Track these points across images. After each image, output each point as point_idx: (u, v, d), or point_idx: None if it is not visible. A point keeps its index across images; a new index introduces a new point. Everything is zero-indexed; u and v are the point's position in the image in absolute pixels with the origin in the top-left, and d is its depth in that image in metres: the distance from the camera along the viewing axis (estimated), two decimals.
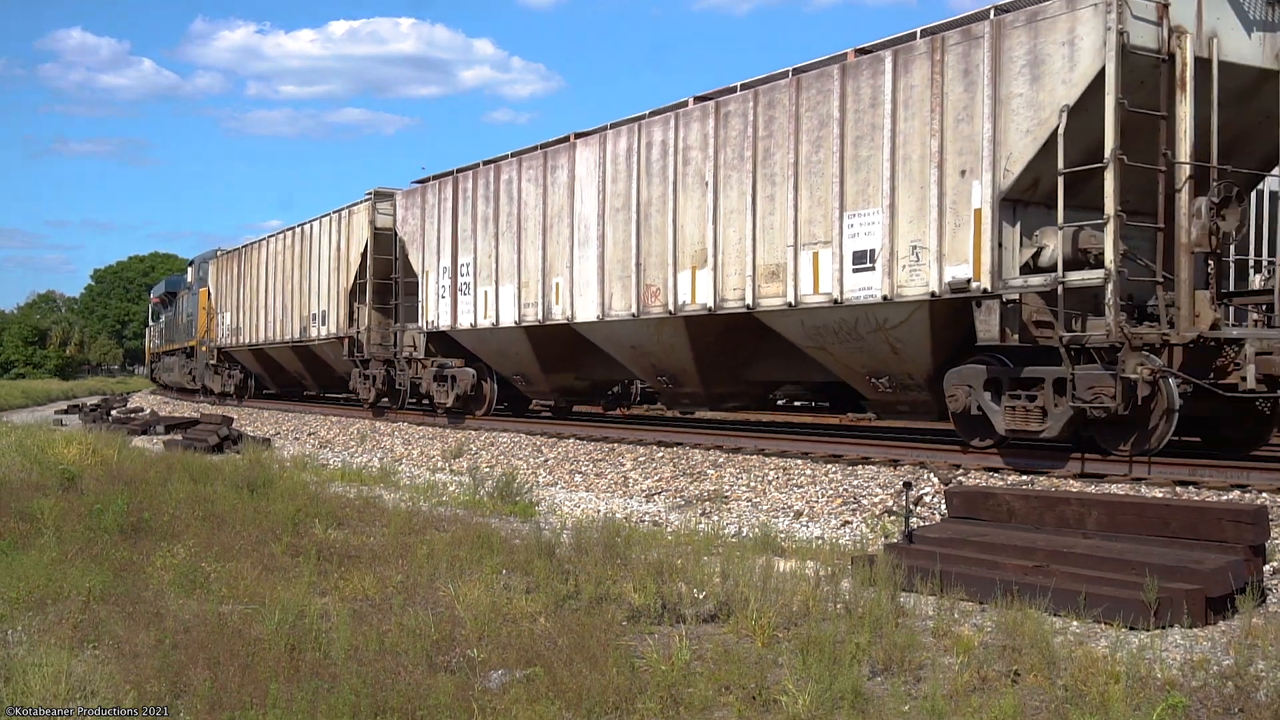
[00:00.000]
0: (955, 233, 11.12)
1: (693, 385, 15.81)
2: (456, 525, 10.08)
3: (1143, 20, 10.10)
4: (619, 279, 15.66)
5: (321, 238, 25.16)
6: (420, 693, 5.04)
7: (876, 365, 12.62)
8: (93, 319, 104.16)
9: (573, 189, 16.62)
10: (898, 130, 11.73)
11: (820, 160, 12.59)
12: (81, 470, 12.87)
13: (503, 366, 19.67)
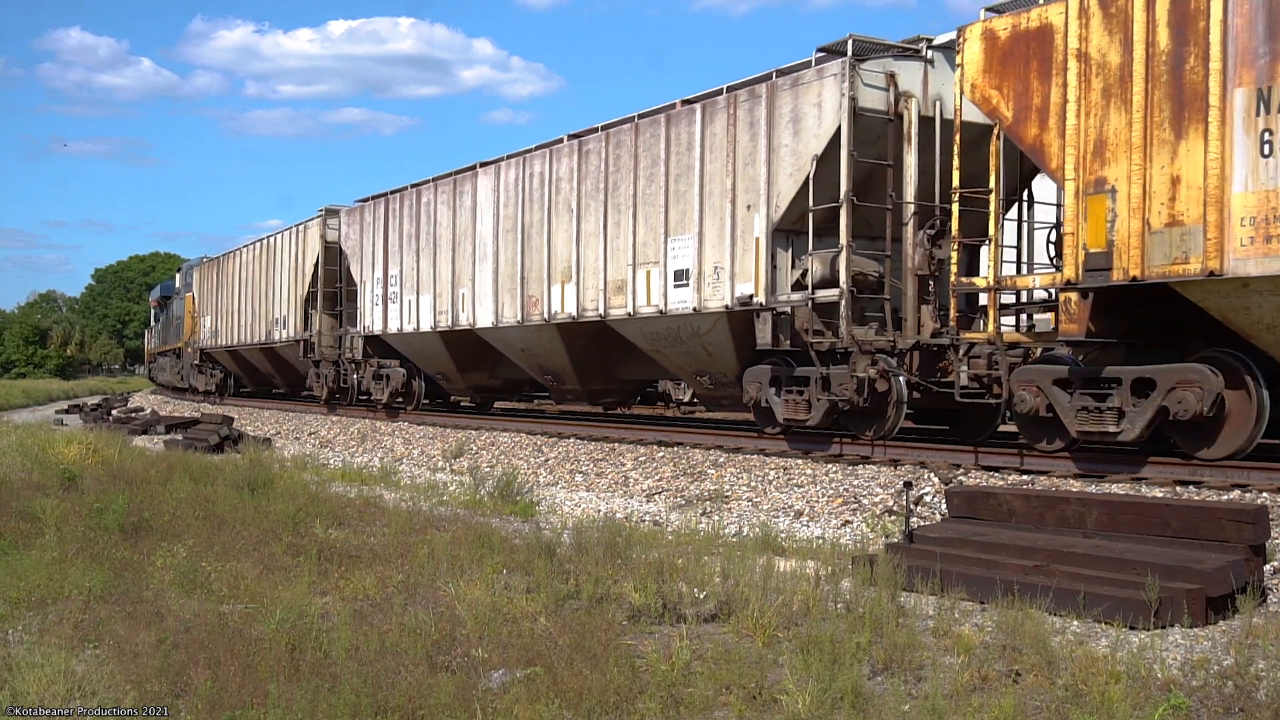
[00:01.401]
0: (743, 256, 13.41)
1: (572, 383, 18.11)
2: (457, 525, 10.08)
3: (873, 87, 12.46)
4: (509, 290, 18.06)
5: (282, 249, 27.70)
6: (421, 692, 5.04)
7: (699, 365, 14.90)
8: (93, 319, 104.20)
9: (474, 212, 19.12)
10: (705, 170, 14.04)
11: (652, 193, 14.93)
12: (82, 470, 12.88)
13: (427, 367, 21.88)
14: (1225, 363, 9.78)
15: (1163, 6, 9.50)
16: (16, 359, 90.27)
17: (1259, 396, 9.55)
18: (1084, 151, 10.14)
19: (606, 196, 15.75)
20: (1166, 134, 9.55)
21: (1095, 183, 10.07)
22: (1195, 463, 9.91)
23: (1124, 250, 9.79)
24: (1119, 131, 9.87)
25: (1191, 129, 9.36)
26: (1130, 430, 10.09)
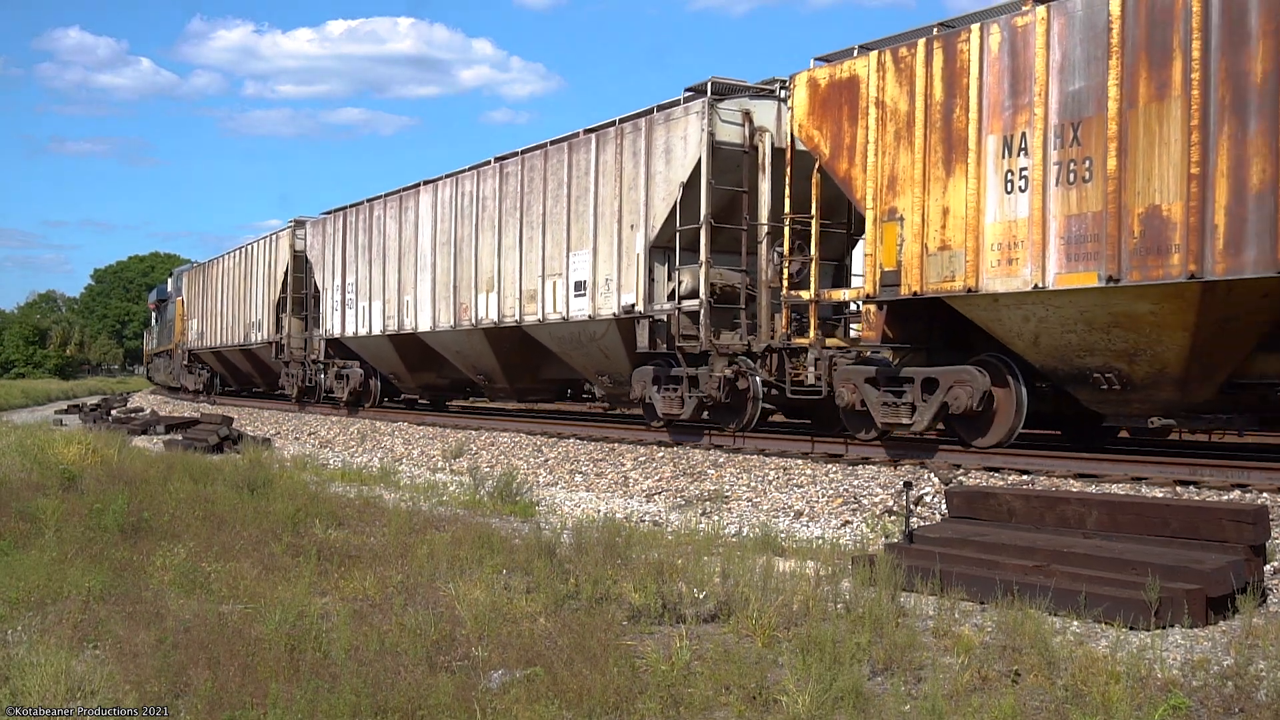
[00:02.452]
0: (628, 270, 15.16)
1: (502, 382, 19.99)
2: (457, 525, 10.08)
3: (730, 123, 14.11)
4: (444, 298, 19.86)
5: (257, 257, 29.77)
6: (420, 692, 5.04)
7: (599, 366, 16.69)
8: (93, 319, 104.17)
9: (416, 226, 21.01)
10: (599, 193, 15.82)
11: (558, 212, 16.74)
12: (81, 470, 12.88)
13: (382, 367, 23.77)
14: (993, 365, 11.39)
15: (937, 64, 11.20)
16: (16, 359, 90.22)
17: (1018, 393, 11.24)
18: (880, 185, 11.80)
19: (522, 214, 17.65)
20: (940, 172, 11.21)
21: (889, 212, 11.74)
22: (1195, 462, 9.95)
23: (909, 269, 11.47)
24: (906, 169, 11.55)
25: (957, 168, 11.04)
26: (920, 422, 11.68)
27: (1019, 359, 11.28)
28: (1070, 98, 10.17)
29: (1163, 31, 9.47)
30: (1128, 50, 9.72)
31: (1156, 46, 9.54)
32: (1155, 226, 9.48)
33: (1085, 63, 10.06)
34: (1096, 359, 10.59)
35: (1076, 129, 10.13)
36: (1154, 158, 9.54)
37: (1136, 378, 10.45)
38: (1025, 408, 11.24)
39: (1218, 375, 10.28)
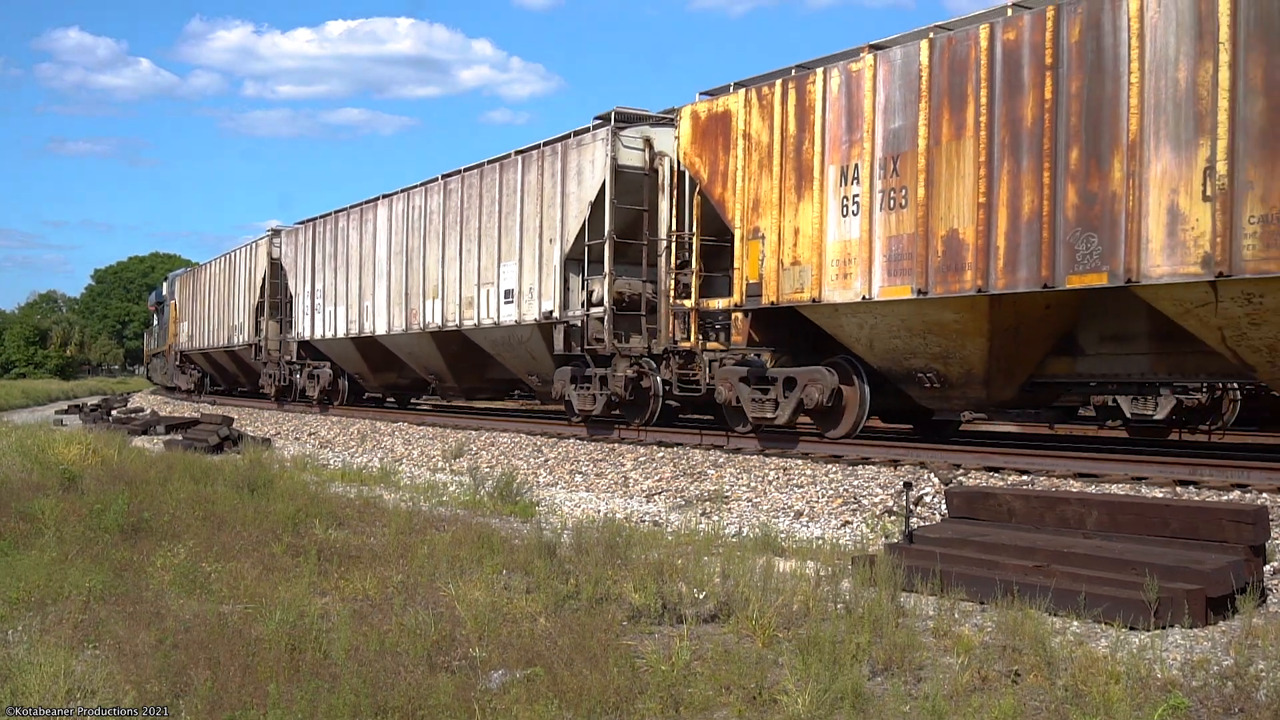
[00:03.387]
0: (547, 279, 16.90)
1: (451, 382, 21.63)
2: (457, 525, 10.08)
3: (632, 149, 15.70)
4: (398, 304, 21.66)
5: (239, 263, 31.73)
6: (420, 693, 5.04)
7: (528, 366, 18.50)
8: (93, 319, 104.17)
9: (375, 237, 22.90)
10: (524, 209, 17.60)
11: (491, 227, 18.50)
12: (82, 470, 12.87)
13: (349, 368, 25.59)
14: (841, 366, 12.90)
15: (791, 102, 12.73)
16: (16, 359, 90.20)
17: (862, 391, 12.77)
18: (746, 206, 13.33)
19: (462, 228, 19.40)
20: (793, 196, 12.73)
21: (753, 231, 13.26)
22: (1195, 462, 9.96)
23: (769, 281, 13.00)
24: (767, 193, 13.05)
25: (806, 193, 12.55)
26: (781, 416, 13.11)
27: (862, 361, 12.79)
28: (892, 134, 11.66)
29: (960, 79, 10.92)
30: (934, 95, 11.20)
31: (956, 92, 11.00)
32: (954, 247, 10.99)
33: (903, 105, 11.54)
34: (919, 360, 12.10)
35: (896, 162, 11.62)
36: (953, 188, 11.03)
37: (951, 377, 11.91)
38: (868, 403, 12.80)
39: (1018, 376, 11.72)
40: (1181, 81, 9.34)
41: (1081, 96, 10.01)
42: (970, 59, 10.82)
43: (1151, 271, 9.49)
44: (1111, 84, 9.79)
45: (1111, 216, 9.75)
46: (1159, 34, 9.50)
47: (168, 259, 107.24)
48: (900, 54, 11.58)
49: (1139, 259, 9.55)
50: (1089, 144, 9.95)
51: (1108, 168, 9.80)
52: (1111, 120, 9.80)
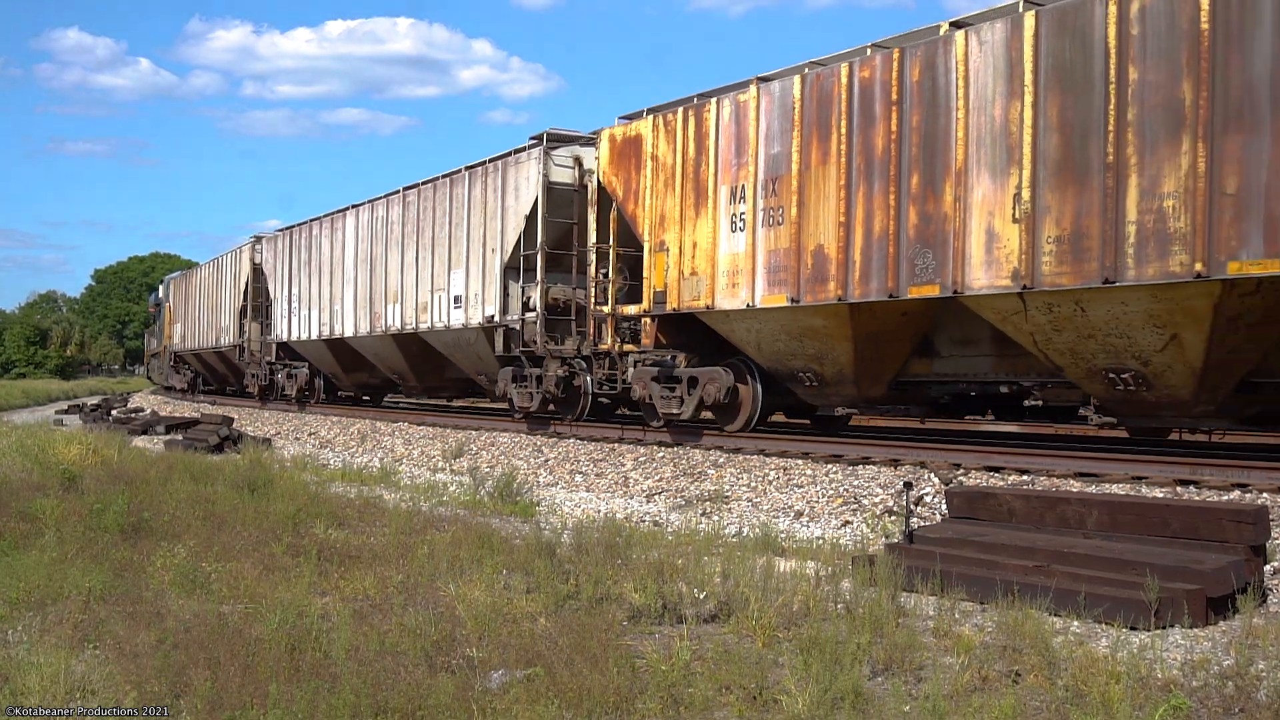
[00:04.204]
0: (489, 286, 18.44)
1: (413, 381, 23.29)
2: (457, 525, 10.07)
3: (563, 167, 17.28)
4: (363, 307, 23.29)
5: (225, 269, 33.57)
6: (421, 693, 5.04)
7: (477, 366, 20.01)
8: (93, 319, 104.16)
9: (344, 245, 24.55)
10: (470, 221, 19.11)
11: (443, 237, 20.07)
12: (82, 470, 12.87)
13: (323, 368, 27.18)
14: (737, 366, 14.29)
15: (691, 128, 14.12)
16: (17, 359, 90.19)
17: (754, 389, 14.23)
18: (654, 222, 14.74)
19: (418, 238, 20.99)
20: (692, 213, 14.11)
21: (659, 244, 14.66)
22: (1195, 462, 9.97)
23: (673, 290, 14.36)
24: (671, 210, 14.45)
25: (703, 210, 13.90)
26: (686, 411, 14.55)
27: (753, 362, 14.15)
28: (772, 159, 12.93)
29: (826, 111, 12.24)
30: (805, 125, 12.48)
31: (822, 123, 12.30)
32: (820, 261, 12.29)
33: (780, 133, 12.82)
34: (798, 361, 13.40)
35: (775, 184, 12.88)
36: (820, 208, 12.31)
37: (827, 376, 13.24)
38: (760, 400, 14.23)
39: (884, 375, 12.97)
40: (997, 118, 10.58)
41: (921, 129, 11.26)
42: (834, 94, 12.14)
43: (974, 284, 10.74)
44: (944, 118, 11.04)
45: (943, 235, 10.99)
46: (980, 76, 10.72)
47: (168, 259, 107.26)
48: (779, 87, 12.89)
49: (964, 273, 10.80)
50: (926, 171, 11.19)
51: (940, 192, 11.05)
52: (944, 150, 11.03)
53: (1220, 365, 9.94)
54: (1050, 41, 10.14)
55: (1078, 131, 9.94)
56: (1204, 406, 10.44)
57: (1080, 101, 9.92)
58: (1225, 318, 9.49)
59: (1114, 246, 9.61)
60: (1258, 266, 8.79)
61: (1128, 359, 10.27)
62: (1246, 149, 8.87)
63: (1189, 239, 9.15)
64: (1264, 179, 8.77)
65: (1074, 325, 10.32)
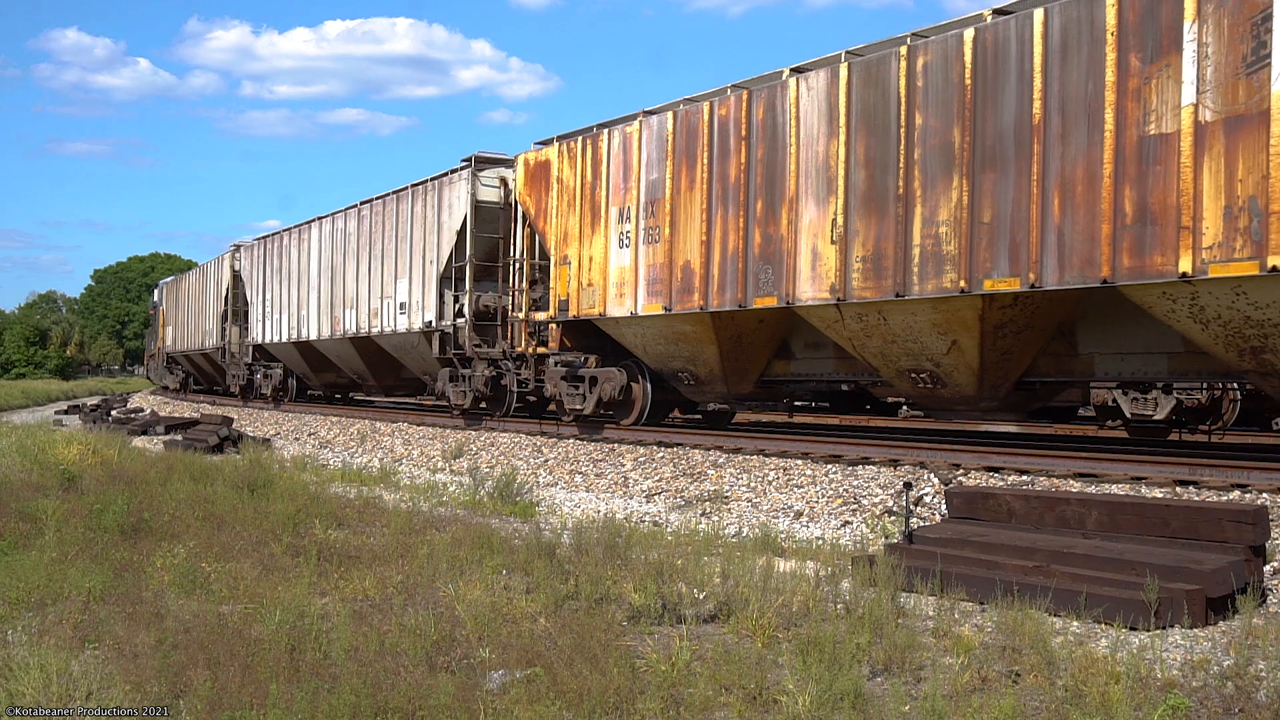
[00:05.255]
0: (428, 294, 20.25)
1: (372, 381, 25.18)
2: (456, 525, 10.07)
3: (490, 187, 19.13)
4: (325, 312, 25.24)
5: (208, 275, 35.94)
6: (421, 693, 5.04)
7: (424, 368, 21.85)
8: (93, 319, 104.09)
9: (309, 255, 26.43)
10: (413, 235, 21.11)
11: (391, 249, 22.04)
12: (82, 470, 12.87)
13: (295, 369, 28.90)
14: (630, 366, 16.08)
15: (589, 155, 15.88)
16: (16, 359, 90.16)
17: (644, 387, 16.01)
18: (559, 238, 16.51)
19: (371, 249, 23.02)
20: (589, 230, 15.82)
21: (563, 258, 16.38)
22: (1195, 462, 9.97)
23: (574, 298, 16.05)
24: (573, 227, 16.17)
25: (597, 228, 15.64)
26: (587, 407, 16.23)
27: (643, 363, 15.93)
28: (651, 184, 14.68)
29: (693, 144, 13.97)
30: (676, 155, 14.25)
31: (690, 154, 14.05)
32: (687, 275, 14.00)
33: (658, 161, 14.56)
34: (677, 363, 15.13)
35: (653, 206, 14.61)
36: (688, 228, 14.05)
37: (701, 375, 14.92)
38: (650, 397, 16.00)
39: (750, 374, 14.55)
40: (820, 154, 12.23)
41: (764, 161, 12.93)
42: (699, 128, 13.85)
43: (803, 296, 12.36)
44: (781, 152, 12.68)
45: (780, 253, 12.64)
46: (808, 117, 12.39)
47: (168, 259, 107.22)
48: (657, 121, 14.63)
49: (795, 286, 12.43)
50: (768, 197, 12.87)
51: (779, 216, 12.70)
52: (781, 180, 12.65)
53: (995, 366, 11.47)
54: (859, 90, 11.78)
55: (879, 167, 11.55)
56: (989, 402, 12.02)
57: (880, 142, 11.54)
58: (991, 326, 11.05)
59: (904, 265, 11.23)
60: (1005, 284, 10.39)
61: (923, 361, 11.87)
62: (998, 186, 10.46)
63: (957, 260, 10.75)
64: (1010, 211, 10.35)
65: (880, 332, 11.94)
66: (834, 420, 19.48)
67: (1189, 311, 9.46)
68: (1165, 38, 9.27)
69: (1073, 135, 9.89)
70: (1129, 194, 9.46)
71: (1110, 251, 9.56)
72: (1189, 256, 9.03)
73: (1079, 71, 9.84)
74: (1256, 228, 8.66)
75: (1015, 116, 10.31)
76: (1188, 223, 9.03)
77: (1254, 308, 9.05)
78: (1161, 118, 9.30)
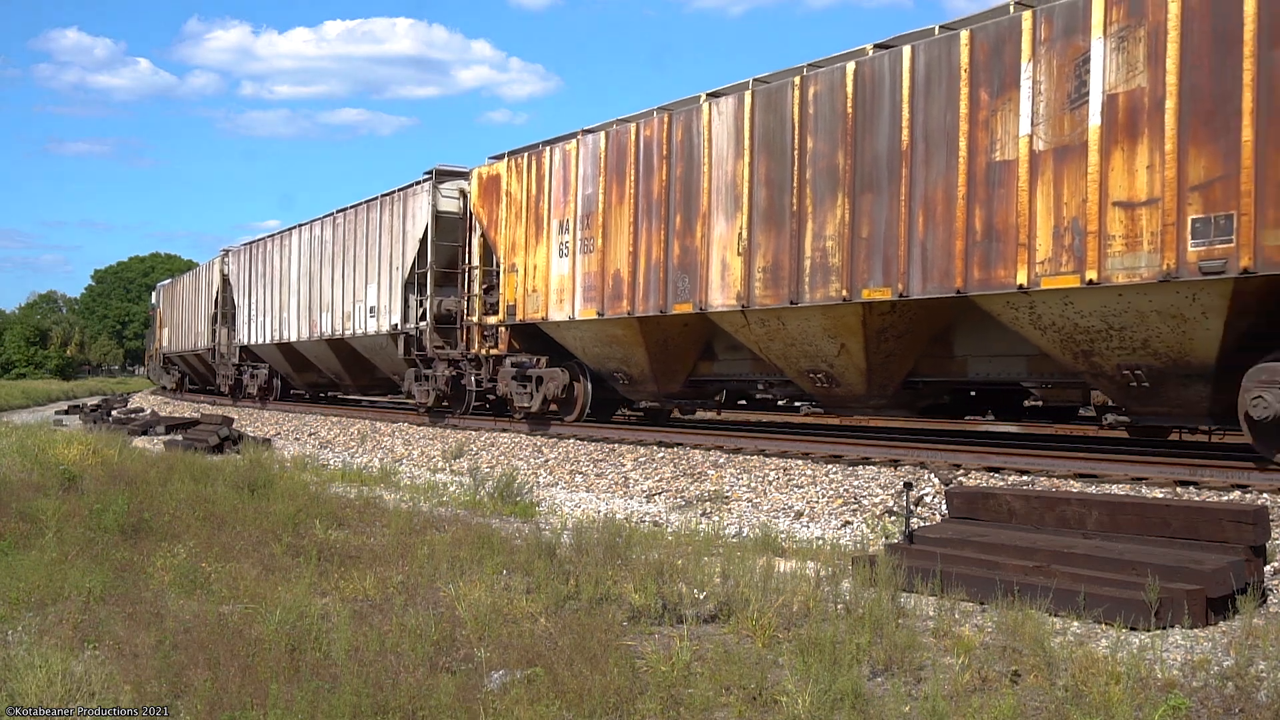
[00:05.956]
0: (395, 299, 21.44)
1: (349, 380, 26.43)
2: (457, 526, 10.07)
3: (449, 198, 20.30)
4: (305, 316, 26.43)
5: (200, 279, 37.70)
6: (421, 693, 5.04)
7: (393, 368, 22.84)
8: (93, 319, 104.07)
9: (290, 260, 27.75)
10: (382, 243, 22.29)
11: (362, 255, 23.32)
12: (82, 470, 12.86)
13: (279, 368, 30.15)
14: (572, 367, 17.24)
15: (534, 170, 17.13)
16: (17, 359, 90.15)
17: (585, 386, 17.15)
18: (508, 247, 17.76)
19: (344, 256, 24.29)
20: (534, 241, 17.10)
21: (512, 265, 17.63)
22: (1195, 463, 9.99)
23: (521, 304, 17.31)
24: (520, 237, 17.46)
25: (541, 239, 16.90)
26: (534, 405, 17.28)
27: (583, 364, 17.04)
28: (587, 199, 15.88)
29: (622, 162, 15.19)
30: (608, 172, 15.42)
31: (620, 171, 15.20)
32: (617, 282, 15.15)
33: (593, 177, 15.76)
34: (613, 363, 16.26)
35: (589, 219, 15.79)
36: (618, 240, 15.19)
37: (634, 375, 16.06)
38: (590, 395, 17.12)
39: (679, 374, 15.81)
40: (729, 173, 13.42)
41: (682, 179, 14.13)
42: (628, 147, 15.04)
43: (714, 303, 13.57)
44: (697, 171, 13.90)
45: (695, 264, 13.85)
46: (719, 139, 13.58)
47: (168, 259, 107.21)
48: (592, 140, 15.82)
49: (708, 294, 13.65)
50: (686, 212, 14.07)
51: (694, 230, 13.92)
52: (697, 196, 13.87)
53: (881, 367, 12.57)
54: (761, 116, 12.95)
55: (777, 186, 12.71)
56: (878, 400, 13.10)
57: (779, 163, 12.70)
58: (874, 330, 12.17)
59: (797, 276, 12.42)
60: (880, 293, 11.56)
61: (819, 362, 13.02)
62: (874, 205, 11.66)
63: (841, 271, 11.94)
64: (883, 228, 11.54)
65: (780, 336, 13.09)
66: (834, 420, 19.56)
67: (1029, 319, 10.57)
68: (1008, 75, 10.45)
69: (934, 160, 11.07)
70: (979, 214, 10.64)
71: (963, 265, 10.73)
72: (1025, 270, 10.20)
73: (940, 103, 11.03)
74: (1078, 245, 9.83)
75: (888, 142, 11.51)
76: (1024, 240, 10.21)
77: (1080, 315, 10.14)
78: (1005, 146, 10.49)
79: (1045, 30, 10.18)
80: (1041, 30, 10.20)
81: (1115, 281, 9.58)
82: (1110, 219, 9.61)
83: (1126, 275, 9.51)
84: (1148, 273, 9.37)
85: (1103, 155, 9.66)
